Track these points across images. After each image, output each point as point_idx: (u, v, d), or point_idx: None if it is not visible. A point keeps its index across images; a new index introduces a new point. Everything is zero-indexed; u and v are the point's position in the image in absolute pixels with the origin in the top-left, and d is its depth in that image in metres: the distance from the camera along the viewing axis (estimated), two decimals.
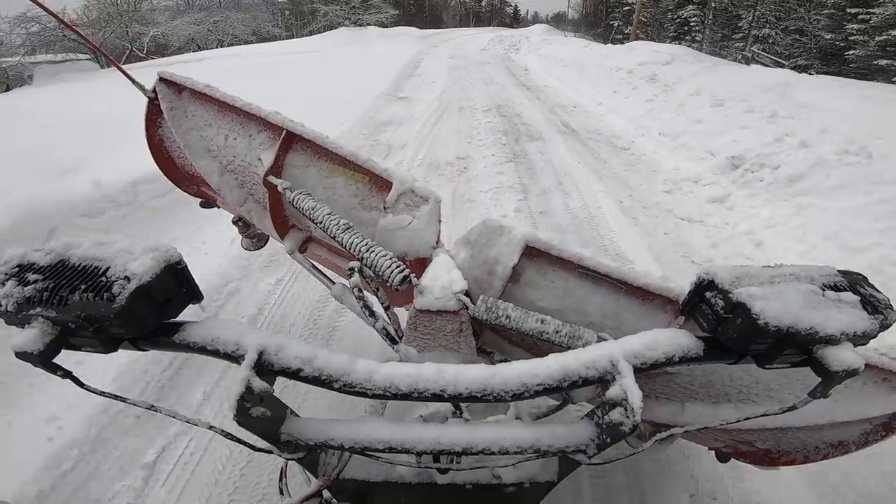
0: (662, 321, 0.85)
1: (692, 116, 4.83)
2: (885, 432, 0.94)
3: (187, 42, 23.36)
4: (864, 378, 0.89)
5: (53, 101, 5.46)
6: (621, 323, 0.86)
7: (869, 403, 0.90)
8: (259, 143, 1.17)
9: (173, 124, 1.19)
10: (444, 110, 6.33)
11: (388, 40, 19.22)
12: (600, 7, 30.87)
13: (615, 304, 0.86)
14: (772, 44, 17.67)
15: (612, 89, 7.08)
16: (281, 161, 1.12)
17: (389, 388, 0.49)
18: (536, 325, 0.74)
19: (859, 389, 0.90)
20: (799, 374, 0.87)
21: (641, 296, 0.84)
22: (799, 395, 0.70)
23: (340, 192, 1.11)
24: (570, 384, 0.50)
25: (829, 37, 12.56)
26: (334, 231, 0.88)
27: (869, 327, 0.47)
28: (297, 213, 1.06)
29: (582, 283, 0.87)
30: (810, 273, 0.51)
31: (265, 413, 0.50)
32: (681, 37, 21.17)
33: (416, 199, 1.01)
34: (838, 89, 4.67)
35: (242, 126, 1.18)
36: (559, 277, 0.88)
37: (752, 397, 0.91)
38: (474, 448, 0.52)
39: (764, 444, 1.03)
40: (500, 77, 9.92)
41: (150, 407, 0.56)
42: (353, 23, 25.05)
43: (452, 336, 0.80)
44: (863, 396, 0.90)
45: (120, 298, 0.44)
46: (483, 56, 14.79)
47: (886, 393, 0.90)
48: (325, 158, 1.12)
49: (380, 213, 1.05)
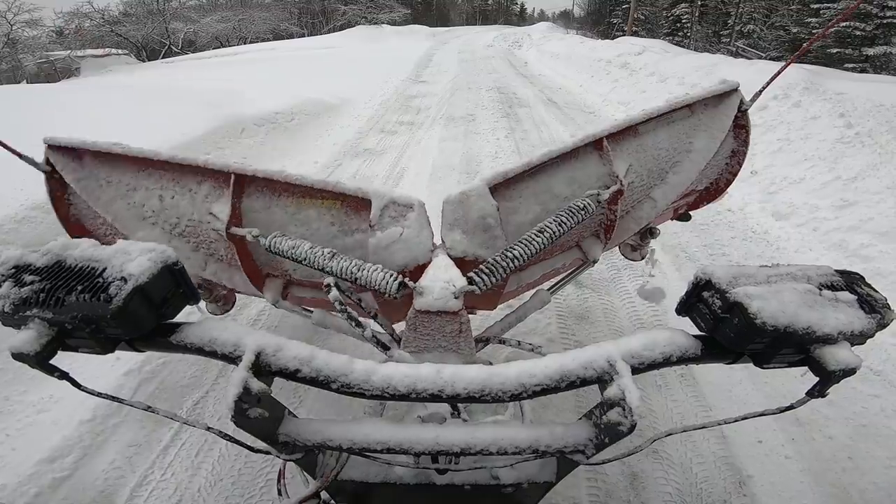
0: (593, 157, 1.13)
1: (641, 89, 6.55)
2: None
3: (211, 39, 25.27)
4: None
5: (160, 79, 7.46)
6: (576, 176, 1.11)
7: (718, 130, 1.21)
8: (205, 196, 1.05)
9: (88, 197, 1.04)
10: (457, 90, 8.12)
11: (402, 37, 21.12)
12: (603, 5, 32.16)
13: (566, 171, 1.10)
14: (757, 38, 19.10)
15: (591, 74, 8.78)
16: (238, 209, 1.03)
17: (387, 388, 0.49)
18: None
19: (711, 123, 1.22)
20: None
21: (573, 155, 1.11)
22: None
23: (315, 225, 1.05)
24: (567, 384, 0.50)
25: (796, 30, 14.18)
26: (322, 263, 0.83)
27: (866, 326, 0.47)
28: (271, 259, 1.07)
29: (538, 179, 1.07)
30: (807, 273, 0.52)
31: (263, 414, 0.50)
32: (674, 33, 22.52)
33: (400, 208, 0.99)
34: (747, 66, 6.34)
35: (176, 181, 1.06)
36: (523, 188, 1.06)
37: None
38: (472, 449, 0.52)
39: (703, 185, 1.37)
40: (503, 68, 11.66)
41: (147, 408, 0.56)
42: (368, 21, 26.74)
43: (452, 337, 0.80)
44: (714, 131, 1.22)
45: (117, 299, 0.44)
46: (488, 51, 16.57)
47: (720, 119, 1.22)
48: (288, 194, 1.05)
49: (365, 234, 1.02)
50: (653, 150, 1.24)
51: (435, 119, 5.87)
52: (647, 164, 1.24)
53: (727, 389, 1.74)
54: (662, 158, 1.27)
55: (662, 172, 1.27)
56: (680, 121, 1.27)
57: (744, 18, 19.81)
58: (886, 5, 11.01)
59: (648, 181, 1.26)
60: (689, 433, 1.57)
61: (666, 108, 1.22)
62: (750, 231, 2.93)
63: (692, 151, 1.27)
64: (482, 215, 0.98)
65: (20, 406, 1.68)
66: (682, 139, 1.27)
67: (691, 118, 1.29)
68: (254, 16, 26.58)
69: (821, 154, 3.42)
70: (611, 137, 1.15)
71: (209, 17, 23.38)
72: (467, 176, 3.93)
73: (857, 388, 1.74)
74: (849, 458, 1.50)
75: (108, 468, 1.48)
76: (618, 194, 1.11)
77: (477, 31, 33.03)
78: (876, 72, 11.10)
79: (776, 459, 1.50)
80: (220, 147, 4.06)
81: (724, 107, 1.28)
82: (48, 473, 1.44)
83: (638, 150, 1.22)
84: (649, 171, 1.25)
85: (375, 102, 6.87)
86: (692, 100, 1.25)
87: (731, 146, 1.38)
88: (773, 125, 4.26)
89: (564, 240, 1.24)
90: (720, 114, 1.28)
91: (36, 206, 2.46)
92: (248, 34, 26.07)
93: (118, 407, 1.66)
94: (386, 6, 29.83)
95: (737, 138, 1.36)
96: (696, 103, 1.27)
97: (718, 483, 1.43)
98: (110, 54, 20.93)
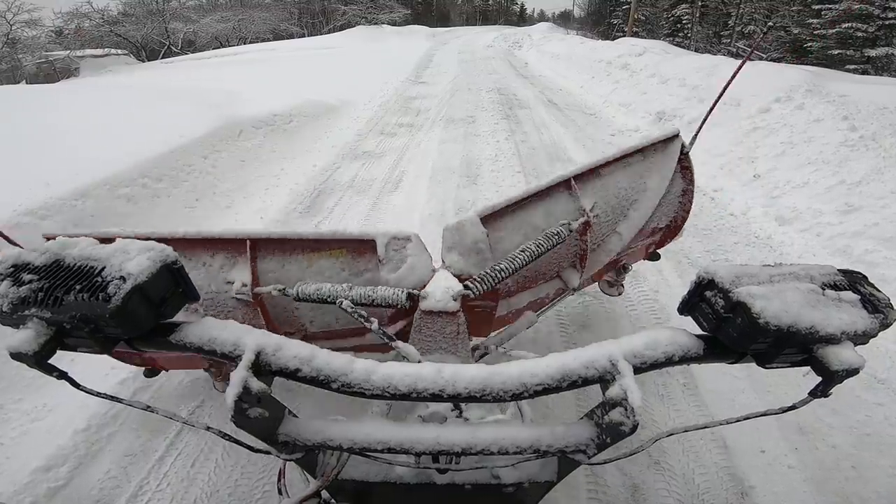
0: (564, 195, 1.32)
1: (642, 90, 6.52)
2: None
3: (211, 39, 25.28)
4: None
5: (156, 80, 7.41)
6: (550, 210, 1.30)
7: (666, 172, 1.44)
8: (220, 267, 1.12)
9: None
10: (457, 91, 8.10)
11: (402, 38, 21.11)
12: (604, 6, 32.15)
13: (543, 207, 1.30)
14: (757, 39, 19.06)
15: (592, 76, 8.75)
16: (255, 273, 1.11)
17: (388, 388, 0.49)
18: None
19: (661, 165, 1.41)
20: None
21: (548, 193, 1.30)
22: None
23: (328, 273, 1.15)
24: (569, 384, 0.50)
25: (797, 31, 14.17)
26: (343, 295, 0.90)
27: (869, 326, 0.47)
28: (289, 317, 1.17)
29: (519, 213, 1.26)
30: (810, 272, 0.51)
31: (263, 414, 0.50)
32: (674, 34, 22.55)
33: (400, 241, 1.13)
34: (749, 67, 6.31)
35: (188, 257, 1.12)
36: (508, 220, 1.26)
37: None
38: (473, 448, 0.52)
39: (663, 223, 1.54)
40: (503, 69, 11.63)
41: (147, 408, 0.56)
42: (368, 21, 26.75)
43: (451, 338, 0.88)
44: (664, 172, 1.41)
45: (115, 299, 0.44)
46: (488, 52, 16.53)
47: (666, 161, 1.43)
48: (298, 251, 1.14)
49: (372, 273, 1.14)
50: (614, 189, 1.43)
51: (434, 121, 5.83)
52: (611, 202, 1.42)
53: (730, 399, 1.73)
54: (623, 196, 1.45)
55: (624, 209, 1.46)
56: (635, 164, 1.46)
57: (745, 19, 19.81)
58: (888, 6, 11.00)
59: (613, 217, 1.45)
60: (692, 442, 1.57)
61: (620, 153, 1.42)
62: (753, 236, 2.91)
63: (647, 190, 1.47)
64: (475, 240, 1.14)
65: (15, 414, 1.66)
66: (638, 180, 1.46)
67: (644, 161, 1.48)
68: (253, 16, 26.60)
69: (824, 158, 3.39)
70: (577, 178, 1.35)
71: (209, 18, 23.43)
72: (467, 179, 3.90)
73: (861, 396, 1.73)
74: (852, 467, 1.48)
75: (103, 478, 1.46)
76: (586, 225, 1.32)
77: (477, 32, 33.07)
78: (877, 73, 11.09)
79: (779, 469, 1.48)
80: (218, 150, 3.99)
81: (670, 150, 1.48)
82: (43, 482, 1.43)
83: (601, 189, 1.41)
84: (613, 208, 1.43)
85: (375, 104, 6.83)
86: (642, 145, 1.45)
87: (682, 186, 1.57)
88: (775, 128, 4.25)
89: (547, 269, 1.41)
90: (667, 156, 1.48)
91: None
92: (248, 34, 26.10)
93: (113, 417, 1.64)
94: (386, 6, 29.86)
95: (684, 178, 1.56)
96: (647, 148, 1.46)
97: (720, 494, 1.42)
98: (109, 54, 20.96)
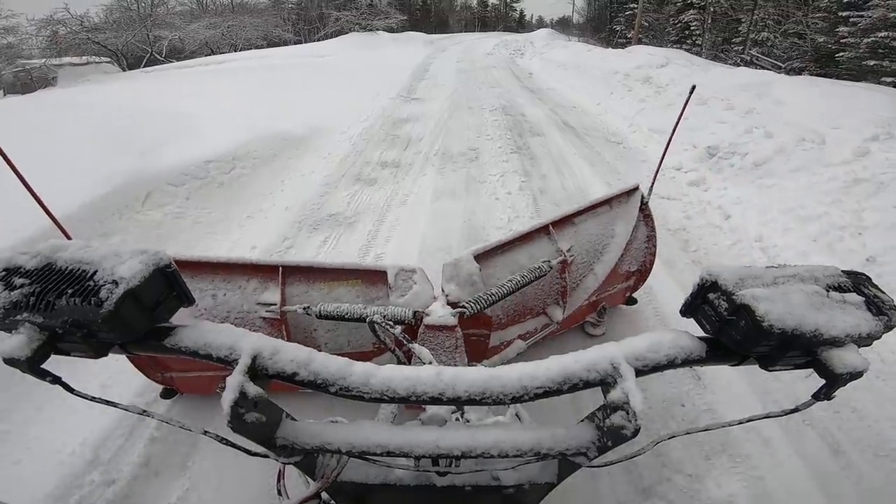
0: (544, 239, 1.66)
1: (676, 112, 5.39)
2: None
3: (201, 46, 24.24)
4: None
5: (109, 95, 6.16)
6: (533, 252, 1.63)
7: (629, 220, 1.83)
8: (253, 289, 1.30)
9: None
10: (455, 110, 6.94)
11: (398, 44, 19.98)
12: (604, 12, 31.36)
13: (527, 249, 1.64)
14: (770, 47, 18.13)
15: (609, 91, 7.64)
16: (284, 295, 1.33)
17: (387, 391, 0.49)
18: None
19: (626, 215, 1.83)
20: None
21: (531, 238, 1.65)
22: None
23: (345, 299, 1.40)
24: (570, 387, 0.50)
25: (822, 39, 13.08)
26: (360, 312, 1.00)
27: (874, 329, 0.47)
28: (307, 338, 1.37)
29: (507, 253, 1.60)
30: (814, 274, 0.51)
31: (260, 418, 0.49)
32: (682, 41, 21.63)
33: (407, 272, 1.42)
34: (809, 87, 5.20)
35: (227, 281, 1.32)
36: (498, 259, 1.58)
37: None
38: (473, 451, 0.51)
39: (634, 267, 1.95)
40: (506, 80, 10.52)
41: (143, 412, 0.56)
42: (363, 28, 25.78)
43: (450, 351, 1.01)
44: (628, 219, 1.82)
45: (108, 303, 0.43)
46: (489, 60, 15.42)
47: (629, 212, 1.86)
48: (321, 279, 1.41)
49: (382, 300, 1.41)
50: (586, 234, 1.82)
51: (427, 157, 4.63)
52: (585, 246, 1.81)
53: None
54: (595, 241, 1.84)
55: (598, 252, 1.85)
56: (603, 213, 1.88)
57: (758, 26, 18.83)
58: None
59: (588, 259, 1.83)
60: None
61: (589, 204, 1.82)
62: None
63: (615, 236, 1.86)
64: (469, 273, 1.42)
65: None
66: (607, 227, 1.87)
67: (611, 211, 1.89)
68: (244, 21, 25.56)
69: None
70: (555, 225, 1.71)
71: (195, 24, 22.35)
72: None
73: None
74: None
75: None
76: (564, 264, 1.69)
77: (476, 38, 32.15)
78: None
79: None
80: (106, 232, 2.67)
81: (633, 200, 1.91)
82: None
83: (576, 235, 1.79)
84: (587, 251, 1.82)
85: (355, 131, 5.64)
86: (607, 197, 1.87)
87: (646, 232, 2.01)
88: (884, 181, 3.11)
89: (534, 305, 1.76)
90: (630, 206, 1.90)
91: None
92: (239, 41, 25.07)
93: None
94: (382, 12, 28.87)
95: (647, 225, 2.00)
96: (613, 199, 1.89)
97: None
98: (90, 63, 19.95)
